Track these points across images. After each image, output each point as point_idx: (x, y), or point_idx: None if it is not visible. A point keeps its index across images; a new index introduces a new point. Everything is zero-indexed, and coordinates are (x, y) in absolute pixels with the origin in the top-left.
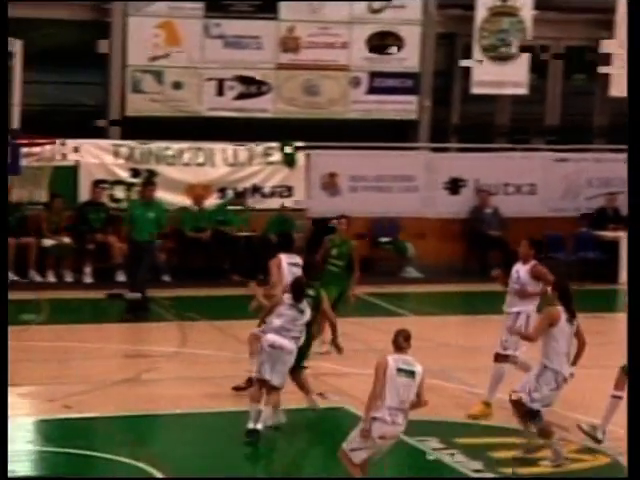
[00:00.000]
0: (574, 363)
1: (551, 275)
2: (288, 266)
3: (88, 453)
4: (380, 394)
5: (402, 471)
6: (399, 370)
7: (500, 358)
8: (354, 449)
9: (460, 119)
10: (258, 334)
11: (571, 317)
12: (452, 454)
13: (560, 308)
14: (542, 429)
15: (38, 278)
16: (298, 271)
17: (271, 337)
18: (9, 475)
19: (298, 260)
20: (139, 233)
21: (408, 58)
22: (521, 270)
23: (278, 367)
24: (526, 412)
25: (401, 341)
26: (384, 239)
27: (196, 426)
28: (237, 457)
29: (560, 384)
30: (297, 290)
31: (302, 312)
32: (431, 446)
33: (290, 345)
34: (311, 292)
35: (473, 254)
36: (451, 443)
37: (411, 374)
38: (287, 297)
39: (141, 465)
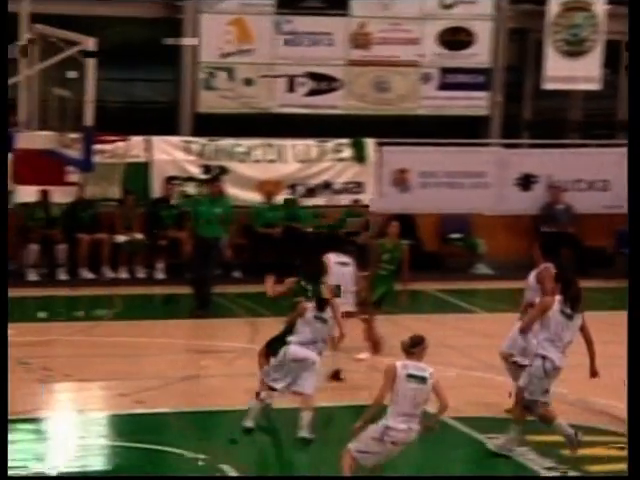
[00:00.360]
0: (592, 363)
1: (552, 282)
2: (336, 265)
3: (159, 448)
4: (391, 401)
5: (472, 469)
6: (409, 376)
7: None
8: (362, 451)
9: (532, 115)
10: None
11: (570, 309)
12: (524, 451)
13: (555, 298)
14: (542, 416)
15: (111, 274)
16: (347, 270)
17: (294, 350)
18: (82, 469)
19: (347, 259)
20: (205, 229)
21: (479, 54)
22: (531, 275)
23: (305, 375)
24: (524, 405)
25: (410, 347)
26: (455, 235)
27: (266, 422)
28: (305, 453)
29: (549, 372)
30: (319, 300)
31: (325, 322)
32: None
33: (314, 356)
34: (309, 287)
35: None
36: (522, 440)
37: (422, 380)
38: (311, 307)
39: (211, 461)
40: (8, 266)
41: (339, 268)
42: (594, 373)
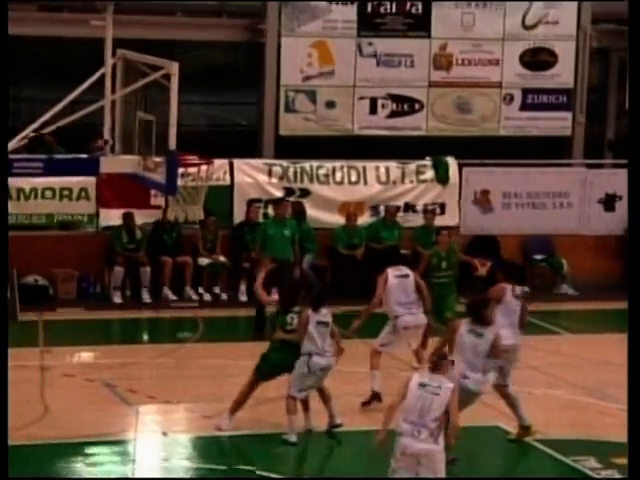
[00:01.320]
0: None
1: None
2: (395, 278)
3: (244, 468)
4: (402, 409)
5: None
6: (421, 385)
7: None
8: (394, 469)
9: (615, 135)
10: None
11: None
12: (610, 474)
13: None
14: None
15: (194, 296)
16: (407, 282)
17: (320, 360)
18: None
19: (407, 271)
20: (277, 252)
21: (562, 74)
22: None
23: (323, 378)
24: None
25: (434, 360)
26: (538, 256)
27: (348, 444)
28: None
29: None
30: (316, 302)
31: (327, 325)
32: (589, 466)
33: (332, 359)
34: (298, 308)
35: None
36: (609, 463)
37: (435, 390)
38: (313, 315)
39: None
40: (92, 289)
41: (400, 280)
42: None
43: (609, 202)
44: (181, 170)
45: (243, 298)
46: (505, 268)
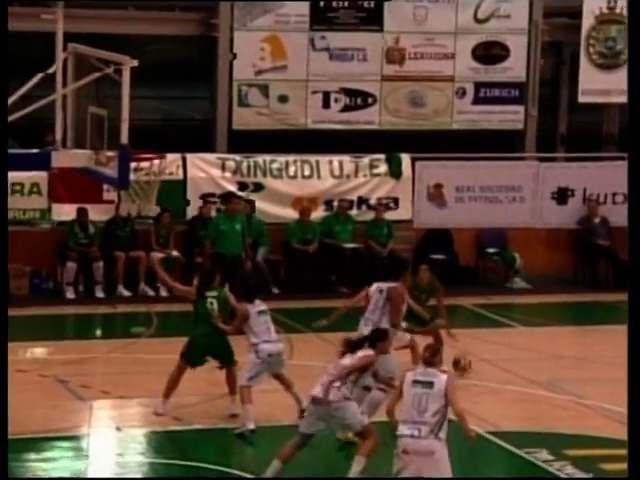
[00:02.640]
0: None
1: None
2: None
3: (199, 465)
4: (401, 409)
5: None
6: (415, 382)
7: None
8: (398, 470)
9: (567, 128)
10: None
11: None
12: (562, 466)
13: None
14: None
15: (148, 291)
16: (379, 297)
17: (267, 347)
18: None
19: (383, 287)
20: (228, 247)
21: (514, 68)
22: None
23: (278, 366)
24: None
25: (430, 357)
26: (491, 250)
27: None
28: (344, 469)
29: None
30: (251, 293)
31: (267, 312)
32: (541, 458)
33: (282, 345)
34: (214, 292)
35: (582, 264)
36: (561, 455)
37: (429, 385)
38: (250, 306)
39: (250, 477)
40: (44, 284)
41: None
42: None
43: (562, 196)
44: (134, 165)
45: None
46: None
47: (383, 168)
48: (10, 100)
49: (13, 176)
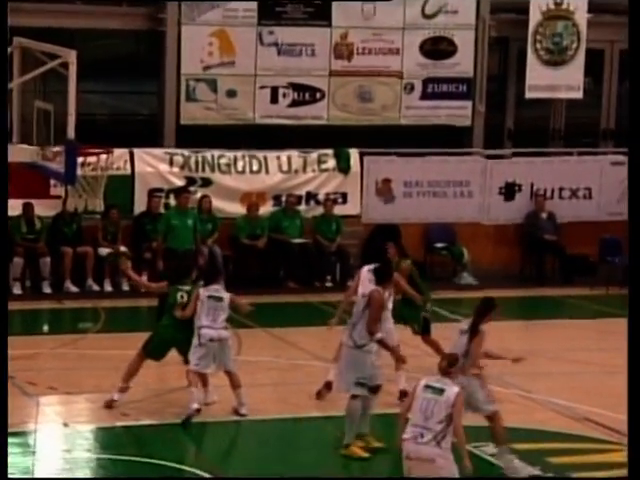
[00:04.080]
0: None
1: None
2: (366, 273)
3: (147, 461)
4: (411, 413)
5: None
6: (426, 387)
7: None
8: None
9: (515, 124)
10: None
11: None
12: (509, 460)
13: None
14: None
15: (95, 287)
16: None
17: (208, 332)
18: None
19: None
20: (179, 242)
21: (462, 63)
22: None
23: (223, 355)
24: None
25: (448, 367)
26: (439, 245)
27: (252, 433)
28: (295, 464)
29: None
30: (208, 274)
31: (220, 299)
32: (488, 451)
33: (225, 333)
34: (187, 287)
35: (529, 259)
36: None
37: (439, 391)
38: (203, 290)
39: (200, 472)
40: None
41: (367, 275)
42: None
43: (509, 191)
44: (80, 160)
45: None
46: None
47: (331, 163)
48: None
49: None
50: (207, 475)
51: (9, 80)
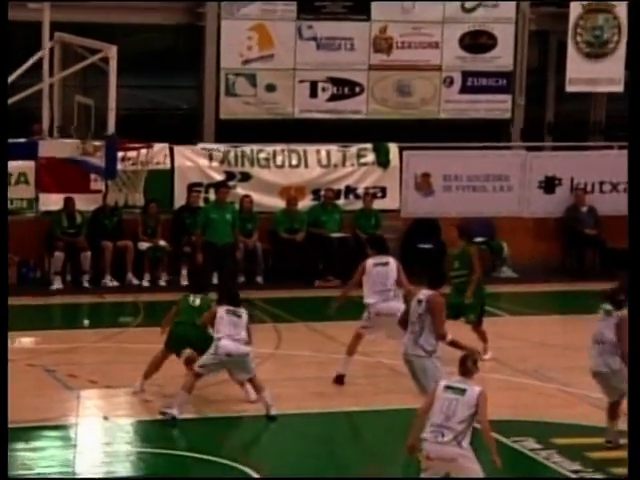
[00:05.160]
0: None
1: None
2: (374, 267)
3: (186, 454)
4: (430, 414)
5: (500, 472)
6: (447, 387)
7: None
8: (423, 471)
9: (555, 117)
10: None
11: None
12: (549, 454)
13: None
14: None
15: (135, 281)
16: (384, 271)
17: (226, 344)
18: (107, 476)
19: (387, 259)
20: (217, 236)
21: (501, 57)
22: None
23: (239, 369)
24: None
25: (462, 363)
26: (478, 239)
27: (291, 427)
28: (332, 457)
29: None
30: (231, 296)
31: (240, 316)
32: (528, 446)
33: (245, 348)
34: (197, 302)
35: (569, 253)
36: (548, 443)
37: (461, 391)
38: (223, 306)
39: (238, 466)
40: (32, 274)
41: (378, 269)
42: None
43: (549, 185)
44: (121, 154)
45: (184, 282)
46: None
47: (370, 157)
48: None
49: None
50: (246, 469)
51: (50, 75)
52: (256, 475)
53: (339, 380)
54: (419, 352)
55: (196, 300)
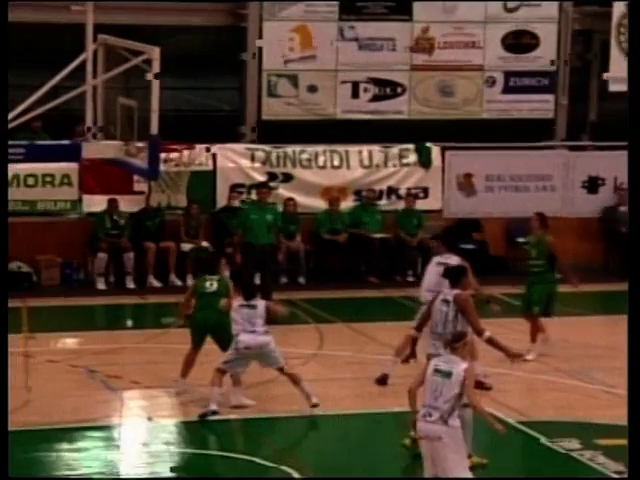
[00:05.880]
0: None
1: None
2: (435, 266)
3: (228, 455)
4: (421, 393)
5: (542, 473)
6: (435, 370)
7: None
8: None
9: (597, 117)
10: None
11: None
12: (593, 455)
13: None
14: None
15: (177, 282)
16: (441, 271)
17: (244, 339)
18: (150, 476)
19: (450, 261)
20: (258, 237)
21: (544, 56)
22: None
23: (265, 361)
24: None
25: (452, 342)
26: (521, 239)
27: (332, 427)
28: (376, 457)
29: None
30: (244, 290)
31: (254, 307)
32: (572, 447)
33: (263, 338)
34: (216, 276)
35: (612, 253)
36: (592, 444)
37: (447, 375)
38: (237, 299)
39: (280, 466)
40: (75, 275)
41: (436, 268)
42: None
43: (592, 184)
44: (163, 155)
45: None
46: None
47: (412, 158)
48: (41, 92)
49: (44, 167)
50: (288, 469)
51: (94, 77)
52: (297, 475)
53: (382, 381)
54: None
55: (213, 284)
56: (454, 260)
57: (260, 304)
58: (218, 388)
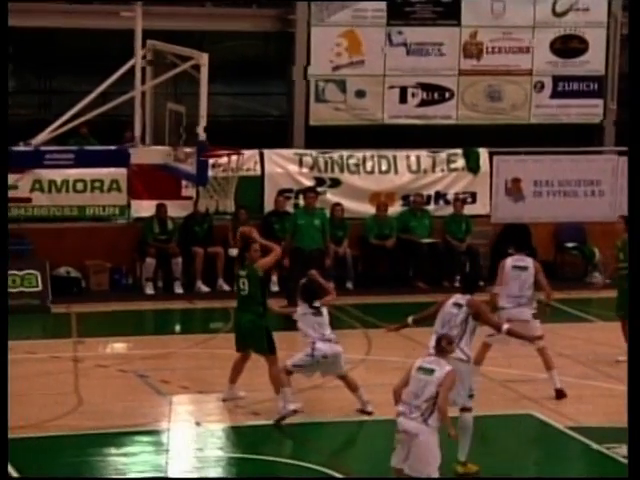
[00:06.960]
0: None
1: None
2: (512, 269)
3: (277, 460)
4: (405, 392)
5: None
6: (419, 368)
7: None
8: (394, 446)
9: None
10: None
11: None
12: None
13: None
14: None
15: (226, 287)
16: (522, 274)
17: (321, 347)
18: None
19: (525, 263)
20: (306, 242)
21: (593, 61)
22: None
23: (331, 369)
24: None
25: (444, 345)
26: (570, 244)
27: (380, 432)
28: None
29: None
30: (306, 296)
31: (321, 314)
32: (622, 453)
33: (338, 348)
34: (244, 272)
35: None
36: None
37: (429, 372)
38: (301, 305)
39: (328, 471)
40: (124, 280)
41: (516, 272)
42: None
43: None
44: (211, 161)
45: (275, 288)
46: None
47: (460, 163)
48: (90, 97)
49: (93, 173)
50: (338, 475)
51: (142, 82)
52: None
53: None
54: (460, 355)
55: (245, 282)
56: (529, 262)
57: (324, 309)
58: (289, 388)
